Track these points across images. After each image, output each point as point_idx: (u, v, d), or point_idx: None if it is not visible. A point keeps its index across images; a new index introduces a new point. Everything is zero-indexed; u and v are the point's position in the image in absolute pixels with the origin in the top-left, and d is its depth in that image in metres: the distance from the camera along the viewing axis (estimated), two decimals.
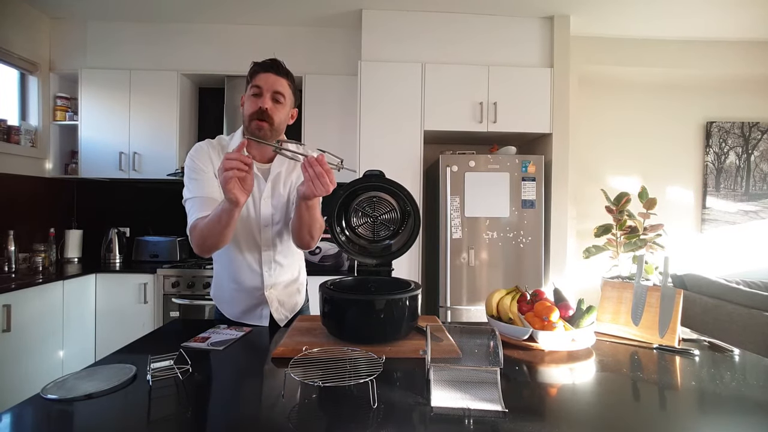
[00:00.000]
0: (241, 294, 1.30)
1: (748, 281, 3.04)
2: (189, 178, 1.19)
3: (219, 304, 1.36)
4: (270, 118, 1.15)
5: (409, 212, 1.24)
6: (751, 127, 3.47)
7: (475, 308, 2.50)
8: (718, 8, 2.63)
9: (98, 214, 3.09)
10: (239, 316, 1.33)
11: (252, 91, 1.17)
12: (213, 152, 1.22)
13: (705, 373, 0.95)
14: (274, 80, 1.16)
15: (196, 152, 1.21)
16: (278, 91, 1.17)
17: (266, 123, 1.15)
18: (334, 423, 0.70)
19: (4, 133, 2.56)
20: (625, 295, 1.25)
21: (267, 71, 1.16)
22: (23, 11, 2.68)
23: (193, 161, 1.20)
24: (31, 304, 2.10)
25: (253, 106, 1.15)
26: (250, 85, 1.18)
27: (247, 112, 1.17)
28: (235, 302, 1.32)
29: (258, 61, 1.19)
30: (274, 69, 1.17)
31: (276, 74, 1.17)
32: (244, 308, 1.32)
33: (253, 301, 1.31)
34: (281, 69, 1.18)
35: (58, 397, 0.76)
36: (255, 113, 1.15)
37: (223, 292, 1.34)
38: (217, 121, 2.96)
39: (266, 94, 1.15)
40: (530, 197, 2.53)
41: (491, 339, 0.89)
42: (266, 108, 1.14)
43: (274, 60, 1.18)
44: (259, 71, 1.17)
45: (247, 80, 1.21)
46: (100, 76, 2.81)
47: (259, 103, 1.15)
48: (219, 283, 1.35)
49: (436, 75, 2.68)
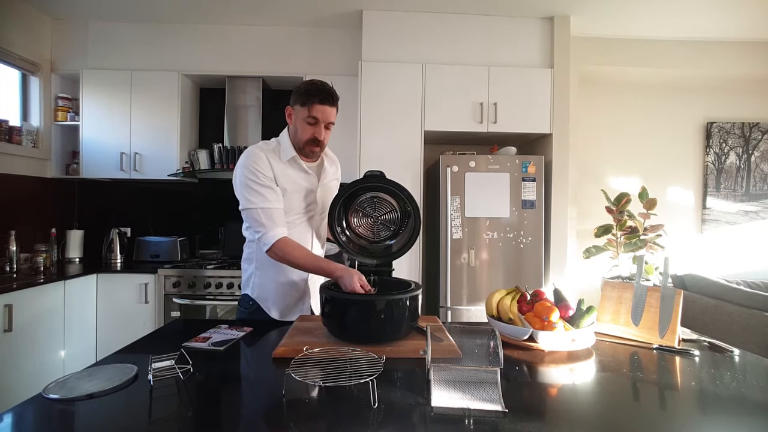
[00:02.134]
0: (287, 287, 1.39)
1: (749, 281, 3.04)
2: (252, 187, 1.26)
3: (263, 303, 1.40)
4: (322, 144, 1.32)
5: (410, 212, 1.24)
6: (752, 127, 3.46)
7: (476, 308, 2.50)
8: (718, 8, 2.63)
9: (99, 215, 3.09)
10: (285, 313, 1.40)
11: (309, 120, 1.28)
12: (271, 160, 1.31)
13: (705, 373, 0.95)
14: (329, 112, 1.29)
15: (258, 161, 1.28)
16: (331, 121, 1.31)
17: (318, 148, 1.33)
18: (334, 423, 0.70)
19: (6, 134, 2.57)
20: (625, 295, 1.25)
21: (324, 103, 1.27)
22: (25, 12, 2.69)
23: (257, 171, 1.27)
24: (32, 304, 2.10)
25: (309, 134, 1.29)
26: (308, 113, 1.27)
27: (303, 138, 1.30)
28: (280, 297, 1.40)
29: (317, 89, 1.27)
30: (330, 101, 1.28)
31: (331, 106, 1.29)
32: (291, 301, 1.41)
33: (298, 293, 1.41)
34: (335, 99, 1.31)
35: (60, 396, 0.76)
36: (311, 141, 1.30)
37: (268, 290, 1.40)
38: (218, 121, 2.96)
39: (321, 124, 1.29)
40: (530, 197, 2.53)
41: (491, 339, 0.89)
42: (321, 139, 1.31)
43: (331, 92, 1.29)
44: (316, 103, 1.26)
45: (301, 100, 1.28)
46: (101, 76, 2.82)
47: (315, 133, 1.29)
48: (262, 283, 1.40)
49: (436, 75, 2.68)
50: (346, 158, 2.76)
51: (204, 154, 2.89)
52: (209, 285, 2.51)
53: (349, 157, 2.71)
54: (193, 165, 2.90)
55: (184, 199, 3.15)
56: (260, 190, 1.27)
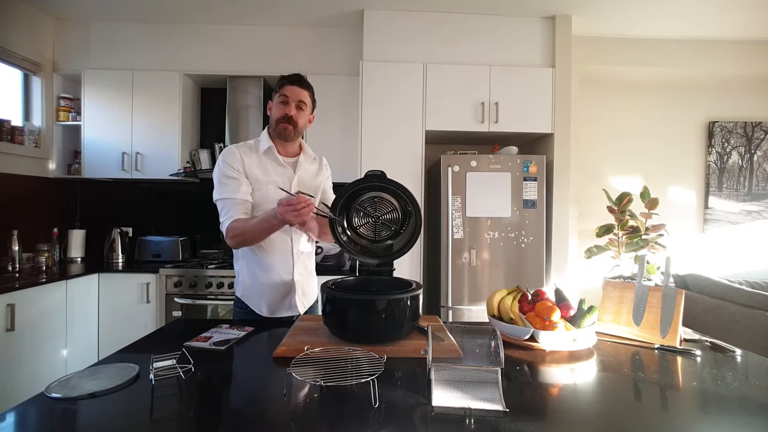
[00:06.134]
0: (272, 284, 1.41)
1: (751, 281, 3.03)
2: (221, 180, 1.35)
3: (249, 301, 1.42)
4: (294, 122, 1.38)
5: (411, 212, 1.24)
6: (754, 126, 3.45)
7: (477, 308, 2.49)
8: (721, 7, 2.62)
9: (101, 214, 3.10)
10: (272, 310, 1.41)
11: (280, 99, 1.38)
12: (243, 155, 1.38)
13: (707, 373, 0.95)
14: (299, 92, 1.39)
15: (228, 155, 1.37)
16: (302, 100, 1.39)
17: (290, 126, 1.38)
18: (335, 422, 0.70)
19: (8, 134, 2.58)
20: (627, 295, 1.25)
21: (293, 84, 1.38)
22: (26, 12, 2.69)
23: (225, 164, 1.35)
24: (34, 304, 2.11)
25: (281, 112, 1.38)
26: (278, 94, 1.39)
27: (275, 117, 1.39)
28: (266, 294, 1.41)
29: (287, 75, 1.41)
30: (298, 82, 1.39)
31: (300, 87, 1.39)
32: (276, 298, 1.41)
33: (283, 288, 1.42)
34: (304, 83, 1.41)
35: (62, 395, 0.77)
36: (282, 118, 1.37)
37: (253, 288, 1.42)
38: (220, 121, 2.96)
39: (292, 102, 1.38)
40: (532, 197, 2.52)
41: (492, 339, 0.89)
42: (292, 114, 1.37)
43: (299, 75, 1.42)
44: (286, 84, 1.38)
45: (275, 90, 1.41)
46: (102, 76, 2.82)
47: (286, 110, 1.37)
48: (247, 281, 1.43)
49: (437, 75, 2.68)
50: (347, 158, 2.78)
51: (205, 153, 2.90)
52: (210, 285, 2.52)
53: (350, 157, 2.71)
54: (194, 165, 2.91)
55: (186, 198, 3.15)
56: (225, 181, 1.34)
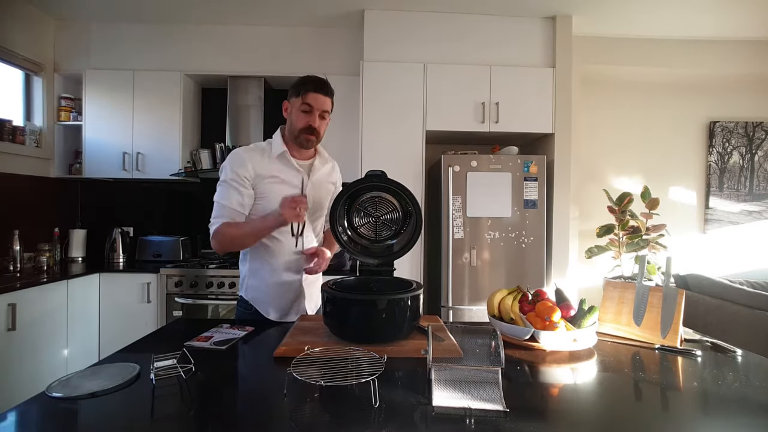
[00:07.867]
0: (280, 288, 1.37)
1: (752, 281, 3.02)
2: (224, 184, 1.30)
3: (257, 303, 1.39)
4: (317, 133, 1.32)
5: (411, 212, 1.24)
6: (755, 126, 3.45)
7: (477, 308, 2.49)
8: (721, 7, 2.62)
9: (102, 214, 3.11)
10: (280, 314, 1.39)
11: (303, 108, 1.30)
12: (253, 161, 1.31)
13: (707, 374, 0.95)
14: (323, 101, 1.31)
15: (236, 161, 1.30)
16: (325, 109, 1.33)
17: (314, 136, 1.32)
18: (335, 422, 0.70)
19: (10, 134, 2.58)
20: (627, 295, 1.25)
21: (317, 92, 1.30)
22: (28, 13, 2.70)
23: (230, 170, 1.30)
24: (35, 303, 2.11)
25: (304, 122, 1.31)
26: (301, 101, 1.30)
27: (297, 126, 1.31)
28: (274, 297, 1.38)
29: (310, 79, 1.31)
30: (323, 90, 1.31)
31: (324, 95, 1.31)
32: (284, 302, 1.39)
33: (292, 293, 1.39)
34: (329, 89, 1.33)
35: (63, 395, 0.77)
36: (305, 129, 1.31)
37: (260, 291, 1.38)
38: (221, 121, 2.97)
39: (316, 112, 1.30)
40: (532, 197, 2.52)
41: (493, 339, 0.89)
42: (316, 126, 1.31)
43: (325, 82, 1.33)
44: (310, 90, 1.29)
45: (296, 91, 1.32)
46: (103, 76, 2.83)
47: (310, 120, 1.30)
48: (255, 284, 1.39)
49: (438, 75, 2.68)
50: (347, 158, 2.78)
51: (206, 153, 2.90)
52: (211, 284, 2.52)
53: (351, 157, 2.71)
54: (195, 165, 2.91)
55: (186, 198, 3.16)
56: (226, 188, 1.30)
